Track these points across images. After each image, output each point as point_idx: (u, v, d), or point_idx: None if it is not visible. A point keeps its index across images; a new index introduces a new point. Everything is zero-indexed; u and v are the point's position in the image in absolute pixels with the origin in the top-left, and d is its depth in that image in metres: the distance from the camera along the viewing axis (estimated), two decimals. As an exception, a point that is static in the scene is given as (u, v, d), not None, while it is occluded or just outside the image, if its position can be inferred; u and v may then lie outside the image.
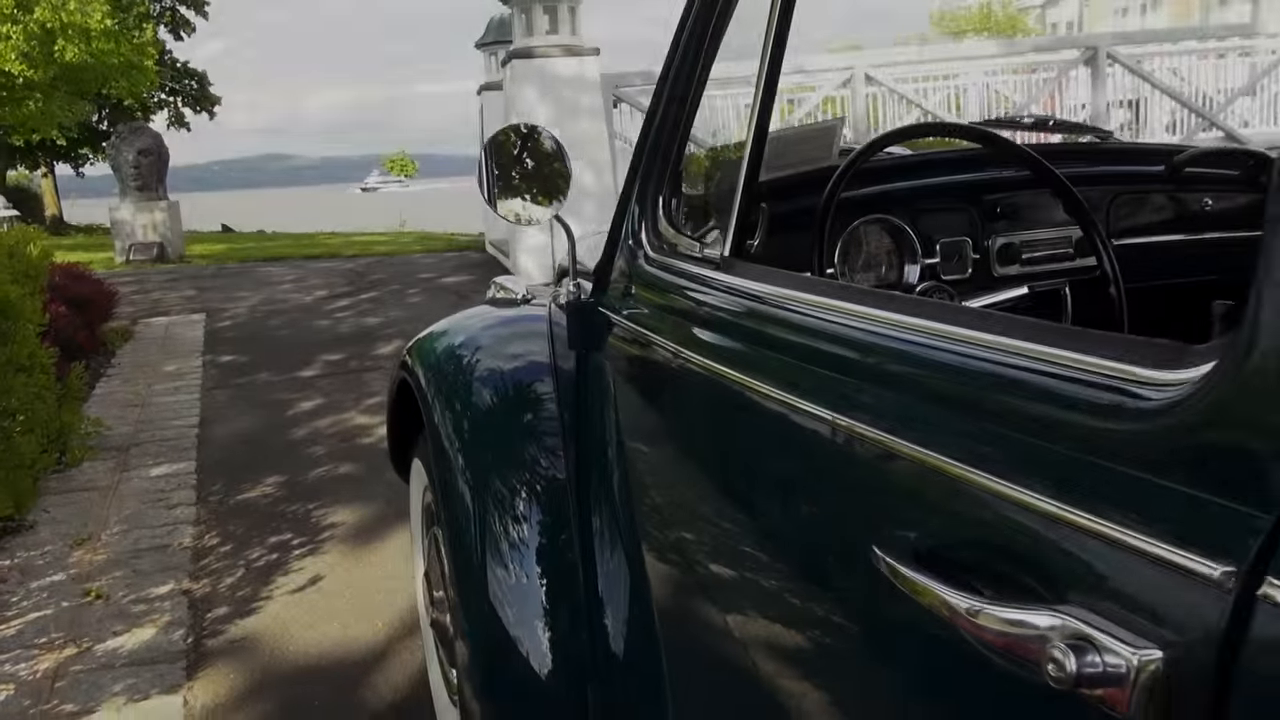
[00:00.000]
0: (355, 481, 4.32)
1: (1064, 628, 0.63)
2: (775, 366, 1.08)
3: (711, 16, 1.35)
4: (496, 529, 1.82)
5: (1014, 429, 0.75)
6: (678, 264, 1.38)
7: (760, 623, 1.16)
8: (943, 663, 0.79)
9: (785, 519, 1.09)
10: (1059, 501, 0.68)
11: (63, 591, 3.26)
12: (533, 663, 1.72)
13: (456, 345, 2.12)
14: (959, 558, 0.78)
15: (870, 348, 0.94)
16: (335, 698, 2.58)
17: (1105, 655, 0.59)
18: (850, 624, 0.95)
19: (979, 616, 0.68)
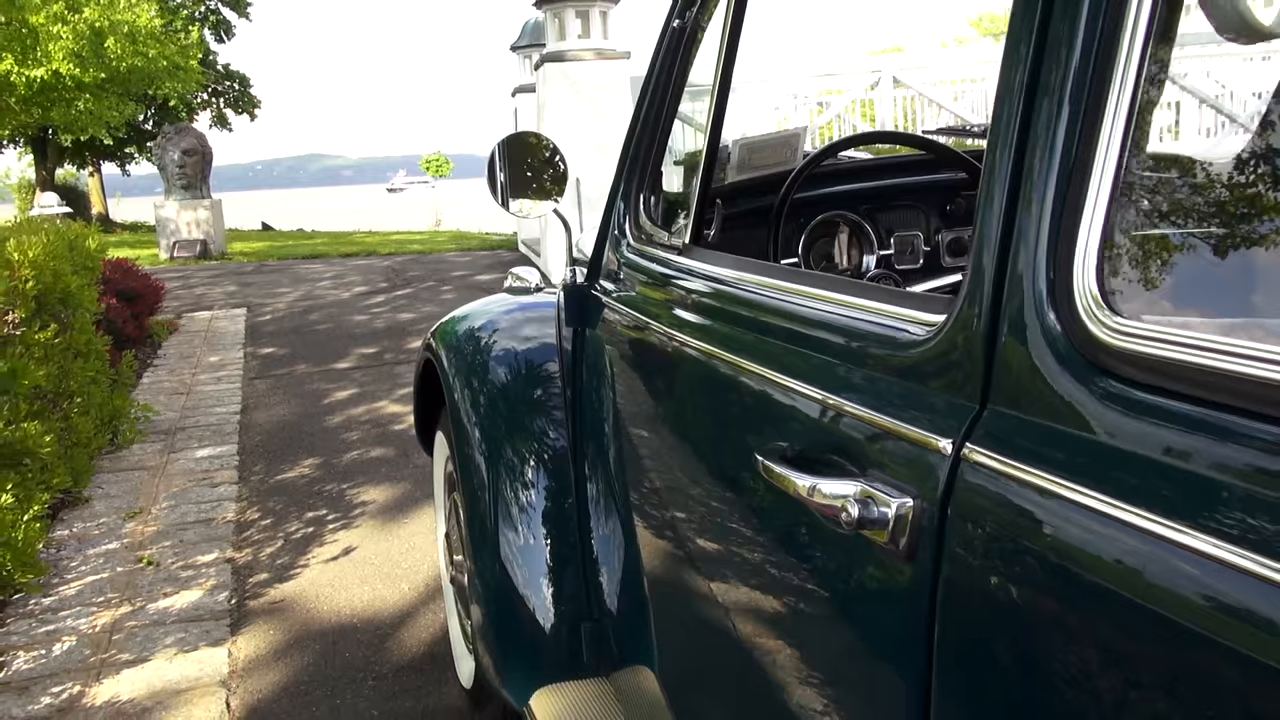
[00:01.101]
0: (387, 464, 4.58)
1: (857, 491, 0.88)
2: (717, 331, 1.34)
3: (679, 48, 1.60)
4: (507, 495, 2.05)
5: (844, 359, 1.03)
6: (651, 250, 1.62)
7: (711, 547, 1.38)
8: (799, 523, 1.06)
9: (718, 457, 1.33)
10: (860, 405, 0.95)
11: (117, 558, 3.54)
12: (537, 614, 1.95)
13: (475, 328, 2.36)
14: (808, 455, 1.05)
15: (771, 309, 1.23)
16: (365, 650, 2.83)
17: (878, 506, 0.84)
18: (749, 512, 1.22)
19: (817, 495, 0.91)
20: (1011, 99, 0.80)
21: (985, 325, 0.80)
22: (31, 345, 3.41)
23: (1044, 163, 0.76)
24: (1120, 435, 0.70)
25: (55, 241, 4.21)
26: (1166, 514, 0.62)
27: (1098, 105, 0.71)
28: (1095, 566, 0.67)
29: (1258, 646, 0.55)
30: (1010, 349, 0.78)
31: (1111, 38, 0.71)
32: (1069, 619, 0.69)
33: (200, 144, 15.70)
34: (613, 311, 1.74)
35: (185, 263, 14.54)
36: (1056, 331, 0.73)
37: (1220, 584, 0.57)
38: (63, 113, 17.92)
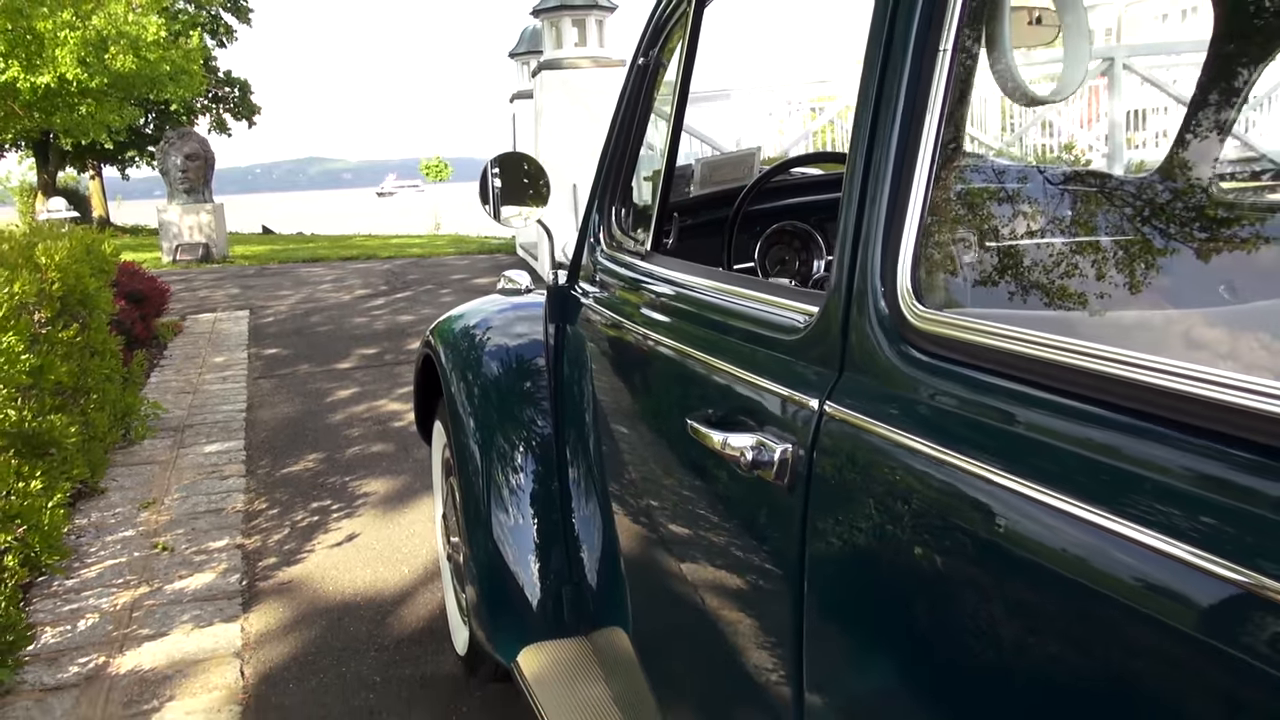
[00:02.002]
0: (387, 459, 4.80)
1: (754, 441, 1.11)
2: (664, 323, 1.58)
3: (644, 81, 1.84)
4: (499, 478, 2.28)
5: (751, 341, 1.28)
6: (620, 255, 1.85)
7: (664, 510, 1.61)
8: (717, 472, 1.30)
9: (665, 429, 1.57)
10: (759, 376, 1.20)
11: (134, 544, 3.76)
12: (523, 582, 2.18)
13: (470, 326, 2.58)
14: (725, 418, 1.28)
15: (702, 303, 1.50)
16: (368, 625, 3.05)
17: (768, 452, 1.07)
18: (687, 469, 1.47)
19: (728, 448, 1.15)
20: (860, 133, 1.05)
21: (842, 313, 1.04)
22: (55, 343, 3.64)
23: (879, 186, 1.00)
24: (924, 391, 0.94)
25: (76, 246, 4.43)
26: (956, 446, 0.86)
27: (914, 142, 0.95)
28: (915, 486, 0.91)
29: (1015, 539, 0.77)
30: (858, 330, 1.02)
31: (925, 94, 0.95)
32: (897, 523, 0.93)
33: (203, 148, 15.92)
34: (589, 310, 1.97)
35: (188, 266, 14.75)
36: (886, 317, 0.97)
37: (980, 490, 0.82)
38: (65, 117, 18.15)
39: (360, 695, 2.65)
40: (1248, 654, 0.60)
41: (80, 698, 2.65)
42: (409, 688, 2.68)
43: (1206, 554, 0.62)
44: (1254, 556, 0.60)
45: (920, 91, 0.95)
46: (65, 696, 2.66)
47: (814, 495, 1.02)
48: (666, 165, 1.73)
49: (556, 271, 2.15)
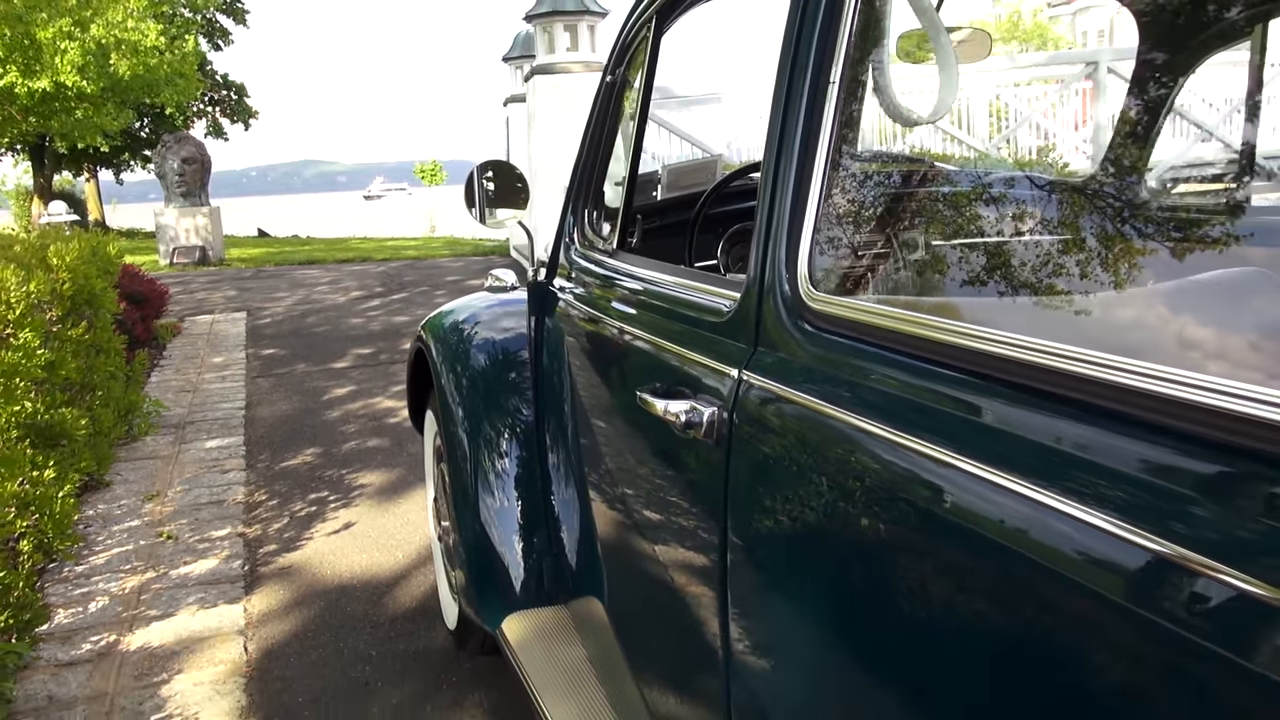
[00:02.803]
0: (383, 452, 4.98)
1: (688, 406, 1.30)
2: (623, 311, 1.78)
3: (611, 96, 2.03)
4: (485, 464, 2.46)
5: (690, 324, 1.46)
6: (590, 253, 2.04)
7: (625, 479, 1.79)
8: (662, 436, 1.48)
9: (624, 404, 1.75)
10: (692, 352, 1.39)
11: (139, 533, 3.93)
12: (506, 556, 2.36)
13: (459, 321, 2.76)
14: (664, 387, 1.46)
15: (652, 293, 1.69)
16: (364, 605, 3.23)
17: (698, 415, 1.26)
18: (640, 437, 1.65)
19: (666, 413, 1.33)
20: (770, 150, 1.24)
21: (756, 298, 1.23)
22: (65, 340, 3.81)
23: (783, 194, 1.18)
24: (818, 360, 1.13)
25: (84, 248, 4.61)
26: (844, 404, 1.05)
27: (810, 158, 1.14)
28: (812, 438, 1.09)
29: (891, 481, 0.95)
30: (768, 311, 1.20)
31: (818, 119, 1.14)
32: (799, 469, 1.11)
33: (199, 152, 16.08)
34: (564, 303, 2.15)
35: (185, 269, 14.91)
36: (789, 299, 1.16)
37: (863, 441, 1.00)
38: (62, 121, 18.31)
39: (357, 668, 2.83)
40: (1125, 598, 0.70)
41: (93, 672, 2.83)
42: (403, 660, 2.86)
43: (1047, 490, 0.77)
44: (1098, 499, 0.75)
45: (815, 117, 1.14)
46: (79, 671, 2.84)
47: (734, 449, 1.20)
48: (630, 171, 1.92)
49: (537, 269, 2.33)
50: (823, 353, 1.11)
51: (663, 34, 1.82)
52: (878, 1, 1.15)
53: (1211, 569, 0.63)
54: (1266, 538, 0.63)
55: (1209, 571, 0.63)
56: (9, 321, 3.10)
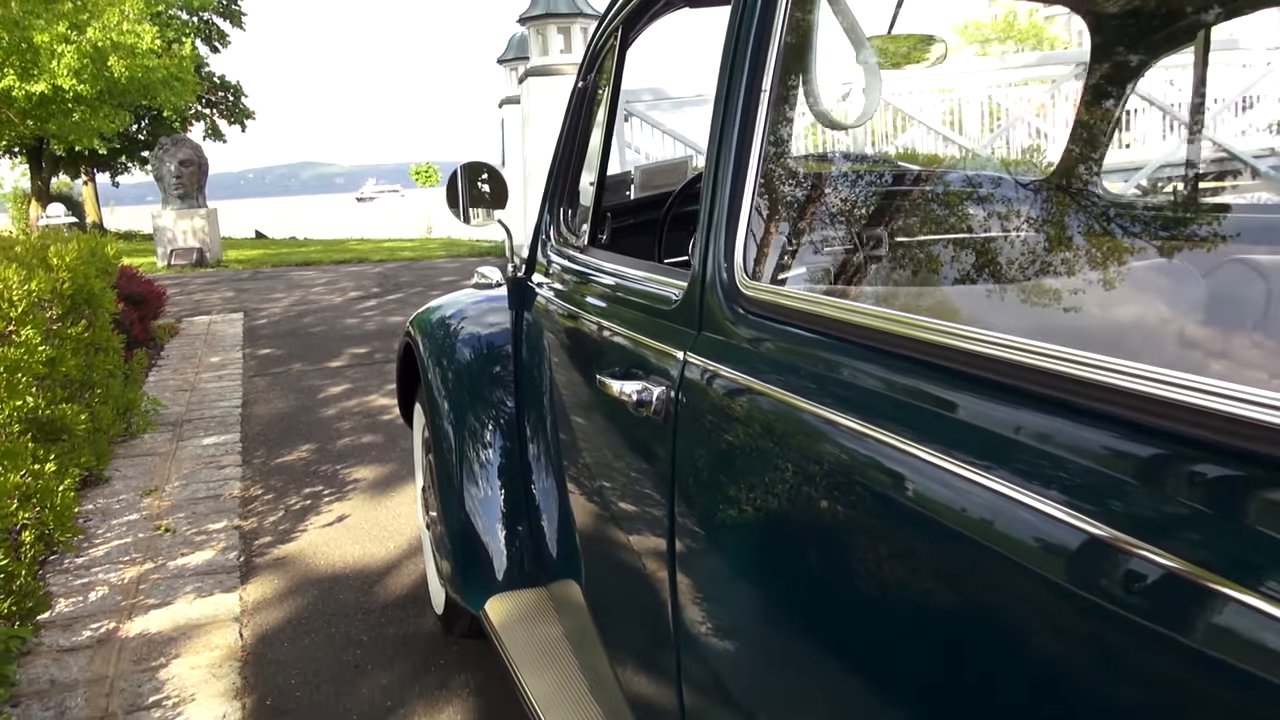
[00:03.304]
0: (376, 449, 5.08)
1: (641, 386, 1.40)
2: (588, 303, 1.88)
3: (583, 102, 2.14)
4: (469, 454, 2.56)
5: (645, 311, 1.57)
6: (564, 250, 2.14)
7: (594, 462, 1.89)
8: (619, 414, 1.58)
9: (590, 388, 1.86)
10: (645, 337, 1.49)
11: (138, 527, 4.03)
12: (489, 541, 2.46)
13: (446, 316, 2.87)
14: (621, 371, 1.56)
15: (612, 285, 1.80)
16: (356, 593, 3.33)
17: (649, 394, 1.36)
18: (603, 418, 1.76)
19: (621, 393, 1.43)
20: (710, 154, 1.35)
21: (700, 286, 1.33)
22: (65, 338, 3.91)
23: (722, 194, 1.29)
24: (752, 341, 1.24)
25: (83, 248, 4.71)
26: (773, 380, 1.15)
27: (744, 161, 1.24)
28: (747, 411, 1.20)
29: (816, 449, 1.06)
30: (710, 297, 1.31)
31: (751, 125, 1.24)
32: (736, 439, 1.22)
33: (196, 155, 16.18)
34: (541, 297, 2.26)
35: (182, 270, 15.01)
36: (727, 287, 1.26)
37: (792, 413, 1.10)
38: (60, 123, 18.41)
39: (348, 651, 2.93)
40: (1028, 560, 0.77)
41: (94, 656, 2.93)
42: (393, 644, 2.96)
43: (945, 455, 0.86)
44: (987, 463, 0.84)
45: (749, 122, 1.25)
46: (80, 656, 2.94)
47: (680, 424, 1.31)
48: (600, 171, 2.03)
49: (517, 265, 2.44)
50: (755, 335, 1.21)
51: (629, 43, 1.93)
52: (804, 17, 1.26)
53: (1132, 544, 0.68)
54: (1190, 518, 0.69)
55: (1130, 546, 0.68)
56: (11, 319, 3.20)
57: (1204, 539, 0.66)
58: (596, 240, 2.07)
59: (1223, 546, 0.64)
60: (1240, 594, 0.60)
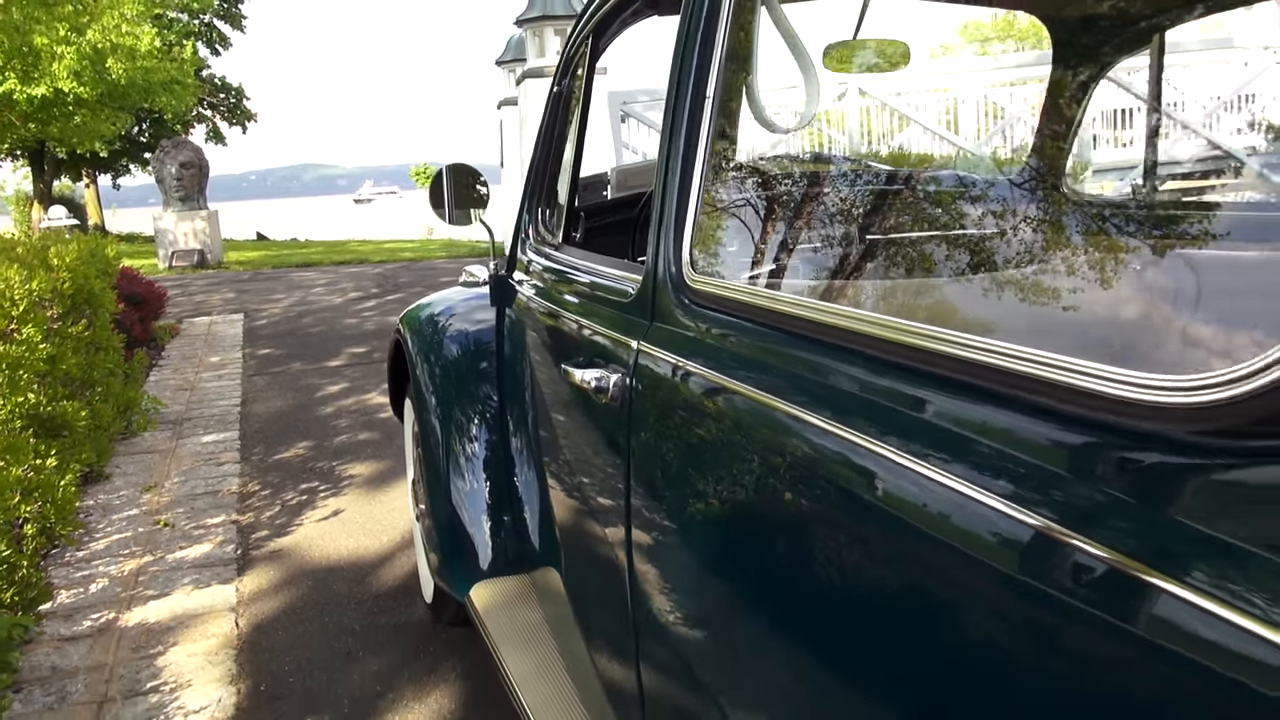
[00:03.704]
0: (372, 445, 5.17)
1: (600, 374, 1.48)
2: (558, 296, 1.97)
3: (558, 106, 2.23)
4: (455, 447, 2.65)
5: (606, 305, 1.65)
6: (541, 248, 2.23)
7: (566, 447, 1.98)
8: (582, 400, 1.67)
9: (561, 377, 1.95)
10: (605, 328, 1.58)
11: (138, 521, 4.12)
12: (473, 530, 2.54)
13: (434, 314, 2.95)
14: (584, 360, 1.64)
15: (577, 280, 1.90)
16: (349, 584, 3.42)
17: (605, 380, 1.44)
18: (571, 405, 1.84)
19: (582, 381, 1.52)
20: (660, 158, 1.43)
21: (652, 278, 1.42)
22: (66, 337, 4.00)
23: (671, 195, 1.37)
24: (697, 329, 1.32)
25: (83, 249, 4.80)
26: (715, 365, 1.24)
27: (690, 165, 1.33)
28: (692, 393, 1.29)
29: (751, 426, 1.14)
30: (661, 291, 1.39)
31: (697, 129, 1.33)
32: (683, 419, 1.31)
33: (197, 157, 16.30)
34: (520, 293, 2.35)
35: (183, 272, 15.11)
36: (676, 280, 1.35)
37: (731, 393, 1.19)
38: (61, 126, 18.52)
39: (341, 639, 3.02)
40: (927, 524, 0.85)
41: (94, 645, 3.02)
42: (384, 633, 3.05)
43: (860, 431, 0.95)
44: (884, 431, 0.94)
45: (695, 127, 1.34)
46: (81, 644, 3.03)
47: (634, 408, 1.39)
48: (573, 173, 2.12)
49: (499, 263, 2.53)
50: (699, 324, 1.30)
51: (599, 50, 2.02)
52: (745, 29, 1.35)
53: (1010, 505, 0.75)
54: (1081, 494, 0.74)
55: (1014, 510, 0.75)
56: (13, 317, 3.29)
57: (1128, 526, 0.69)
58: (570, 238, 2.16)
59: (1147, 534, 0.68)
60: (1165, 582, 0.63)
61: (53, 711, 2.65)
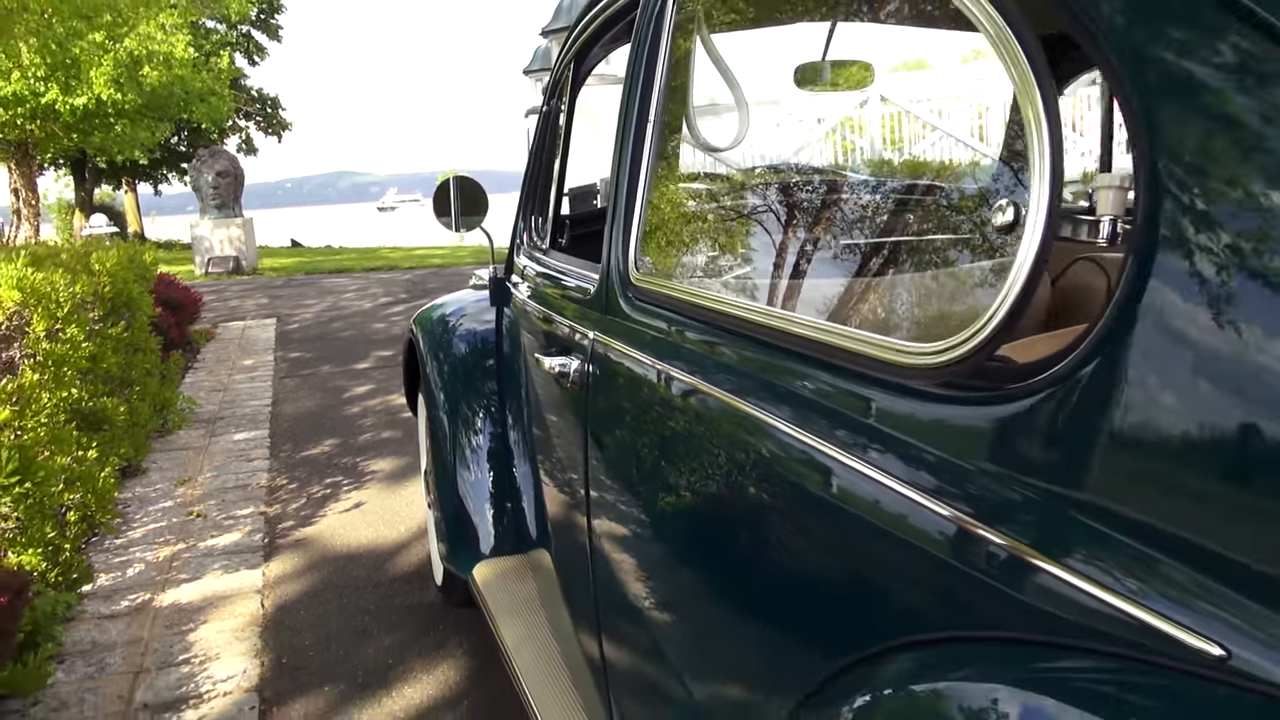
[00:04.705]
0: (394, 443, 5.40)
1: (564, 361, 1.69)
2: (540, 295, 2.17)
3: (548, 123, 2.44)
4: (461, 440, 2.86)
5: (575, 301, 1.87)
6: (532, 252, 2.44)
7: (544, 434, 2.18)
8: (553, 386, 1.88)
9: (539, 369, 2.15)
10: (570, 321, 1.79)
11: (172, 512, 4.37)
12: (475, 516, 2.76)
13: (445, 314, 3.17)
14: (556, 350, 1.84)
15: (553, 278, 2.12)
16: (368, 569, 3.64)
17: (567, 367, 1.65)
18: (545, 391, 2.05)
19: (555, 368, 1.72)
20: (612, 172, 1.62)
21: (606, 276, 1.62)
22: (106, 338, 4.26)
23: (620, 203, 1.57)
24: (639, 322, 1.52)
25: (122, 255, 5.07)
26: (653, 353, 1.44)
27: (635, 179, 1.53)
28: (635, 377, 1.48)
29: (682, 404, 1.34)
30: (612, 287, 1.60)
31: (639, 147, 1.53)
32: (629, 400, 1.50)
33: (233, 166, 16.69)
34: (515, 294, 2.56)
35: (219, 278, 15.48)
36: (624, 278, 1.55)
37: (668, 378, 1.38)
38: (103, 136, 18.99)
39: (358, 618, 3.24)
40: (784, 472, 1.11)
41: (131, 622, 3.26)
42: (398, 613, 3.27)
43: (746, 399, 1.18)
44: (777, 403, 1.14)
45: (639, 148, 1.55)
46: (119, 621, 3.27)
47: (591, 391, 1.60)
48: (558, 183, 2.33)
49: (496, 266, 2.74)
50: (640, 316, 1.51)
51: (581, 74, 2.23)
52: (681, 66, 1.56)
53: (837, 449, 1.01)
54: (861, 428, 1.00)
55: (837, 451, 1.01)
56: (58, 318, 3.55)
57: (896, 450, 0.95)
58: (556, 243, 2.37)
59: (908, 454, 0.93)
60: (905, 487, 0.91)
61: (93, 679, 2.88)
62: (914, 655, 0.86)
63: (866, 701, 0.87)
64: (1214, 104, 0.68)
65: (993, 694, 0.76)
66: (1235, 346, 0.64)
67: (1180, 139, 0.69)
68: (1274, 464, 0.62)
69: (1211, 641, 0.63)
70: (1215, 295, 0.65)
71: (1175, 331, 0.68)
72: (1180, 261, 0.68)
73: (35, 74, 16.32)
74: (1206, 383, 0.66)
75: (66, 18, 14.21)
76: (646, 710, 1.55)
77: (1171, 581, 0.67)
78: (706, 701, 1.31)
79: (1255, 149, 0.65)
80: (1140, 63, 0.72)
